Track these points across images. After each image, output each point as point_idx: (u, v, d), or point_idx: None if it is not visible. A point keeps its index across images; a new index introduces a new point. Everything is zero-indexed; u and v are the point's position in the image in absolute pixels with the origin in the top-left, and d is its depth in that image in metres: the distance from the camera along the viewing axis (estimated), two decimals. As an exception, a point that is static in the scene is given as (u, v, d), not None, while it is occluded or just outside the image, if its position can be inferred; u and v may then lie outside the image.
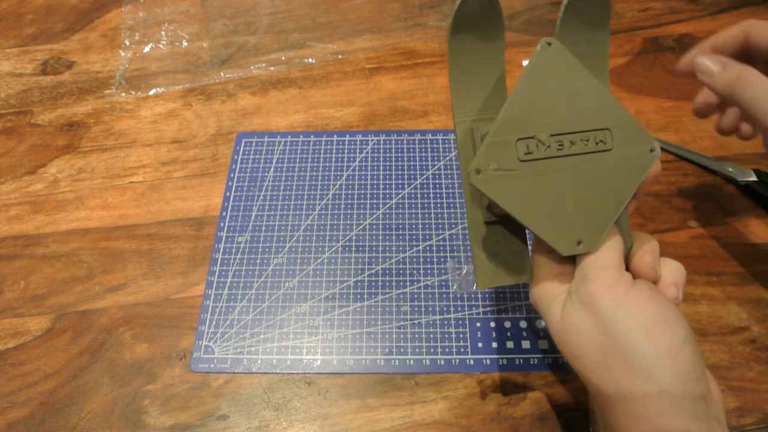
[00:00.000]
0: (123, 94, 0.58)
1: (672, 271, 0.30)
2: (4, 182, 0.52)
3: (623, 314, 0.27)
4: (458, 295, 0.43)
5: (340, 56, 0.60)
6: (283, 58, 0.60)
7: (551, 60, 0.28)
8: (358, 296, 0.43)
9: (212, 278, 0.45)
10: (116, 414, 0.39)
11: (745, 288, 0.43)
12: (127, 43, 0.63)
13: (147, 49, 0.62)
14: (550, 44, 0.28)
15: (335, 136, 0.53)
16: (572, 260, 0.30)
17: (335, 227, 0.47)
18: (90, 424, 0.38)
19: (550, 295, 0.30)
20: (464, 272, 0.43)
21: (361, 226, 0.47)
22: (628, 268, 0.30)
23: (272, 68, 0.60)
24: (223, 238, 0.47)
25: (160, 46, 0.62)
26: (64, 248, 0.47)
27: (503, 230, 0.32)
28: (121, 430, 0.38)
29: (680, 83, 0.56)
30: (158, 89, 0.58)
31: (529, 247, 0.32)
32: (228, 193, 0.49)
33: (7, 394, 0.40)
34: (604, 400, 0.28)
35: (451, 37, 0.30)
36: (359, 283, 0.44)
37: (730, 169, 0.48)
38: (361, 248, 0.46)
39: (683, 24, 0.62)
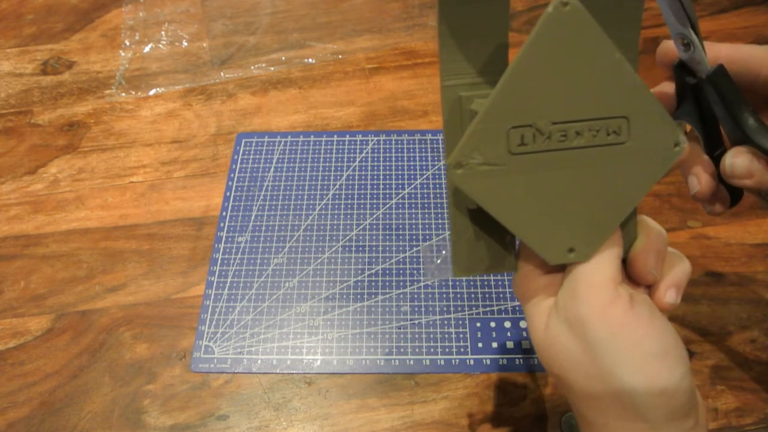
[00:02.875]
0: (123, 94, 0.58)
1: (675, 271, 0.27)
2: (4, 182, 0.52)
3: (617, 347, 0.24)
4: (430, 282, 0.42)
5: (340, 56, 0.60)
6: (283, 58, 0.60)
7: (565, 26, 0.22)
8: (358, 296, 0.43)
9: (212, 278, 0.45)
10: (116, 414, 0.39)
11: (745, 288, 0.43)
12: (127, 43, 0.63)
13: (147, 49, 0.62)
14: (566, 4, 0.22)
15: (335, 136, 0.53)
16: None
17: (335, 227, 0.47)
18: (90, 424, 0.38)
19: (533, 298, 0.27)
20: (440, 259, 0.42)
21: (361, 226, 0.47)
22: (627, 265, 0.28)
23: (272, 68, 0.60)
24: (223, 238, 0.47)
25: (160, 46, 0.62)
26: (64, 248, 0.47)
27: (486, 217, 0.27)
28: (121, 430, 0.38)
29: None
30: (158, 89, 0.58)
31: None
32: (228, 193, 0.49)
33: (7, 394, 0.40)
34: (584, 422, 0.26)
35: None
36: (359, 283, 0.44)
37: None
38: (361, 248, 0.46)
39: (683, 24, 0.62)
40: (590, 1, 0.23)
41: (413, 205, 0.48)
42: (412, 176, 0.50)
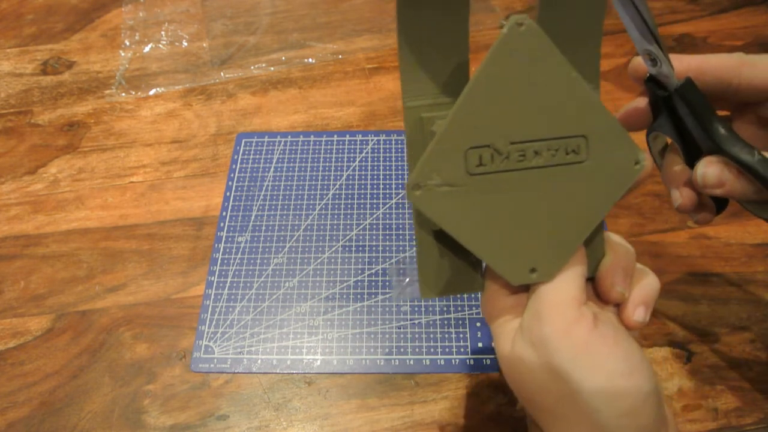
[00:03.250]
0: (123, 94, 0.58)
1: (643, 288, 0.27)
2: (4, 182, 0.52)
3: (582, 368, 0.23)
4: (400, 303, 0.42)
5: (340, 56, 0.60)
6: (283, 58, 0.60)
7: (520, 47, 0.22)
8: (358, 296, 0.43)
9: (212, 278, 0.45)
10: (116, 414, 0.39)
11: (745, 288, 0.43)
12: (127, 43, 0.63)
13: (147, 49, 0.62)
14: (521, 25, 0.22)
15: (335, 136, 0.53)
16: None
17: (335, 227, 0.47)
18: (90, 424, 0.38)
19: (500, 318, 0.27)
20: (407, 280, 0.42)
21: (361, 226, 0.47)
22: (595, 283, 0.27)
23: (272, 68, 0.60)
24: (223, 238, 0.47)
25: (160, 46, 0.62)
26: (64, 248, 0.47)
27: (451, 238, 0.27)
28: (121, 430, 0.38)
29: (680, 83, 0.56)
30: (158, 89, 0.58)
31: None
32: (228, 193, 0.49)
33: (7, 394, 0.40)
34: None
35: (400, 4, 0.24)
36: (359, 283, 0.44)
37: None
38: (361, 248, 0.46)
39: (683, 24, 0.62)
40: (549, 19, 0.24)
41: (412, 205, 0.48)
42: (412, 176, 0.50)
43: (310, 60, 0.60)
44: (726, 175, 0.29)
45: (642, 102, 0.32)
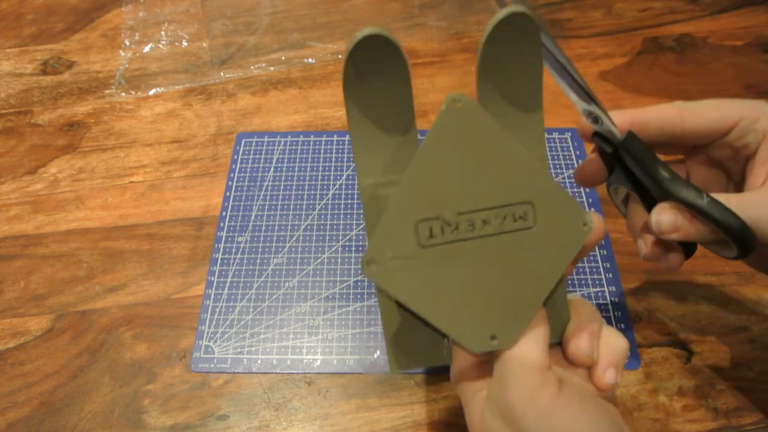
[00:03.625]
0: (123, 94, 0.58)
1: (611, 351, 0.27)
2: (4, 182, 0.52)
3: None
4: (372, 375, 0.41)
5: (340, 56, 0.60)
6: (283, 58, 0.60)
7: (459, 121, 0.23)
8: (358, 296, 0.43)
9: (212, 278, 0.45)
10: (116, 414, 0.39)
11: (745, 288, 0.43)
12: (127, 43, 0.63)
13: (147, 49, 0.62)
14: (457, 102, 0.23)
15: (335, 136, 0.53)
16: None
17: (335, 227, 0.47)
18: (90, 424, 0.38)
19: (469, 388, 0.27)
20: (376, 355, 0.40)
21: (361, 226, 0.47)
22: (562, 346, 0.28)
23: (272, 68, 0.60)
24: (223, 238, 0.47)
25: (160, 46, 0.62)
26: (64, 248, 0.47)
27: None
28: (121, 430, 0.38)
29: (680, 83, 0.56)
30: (158, 89, 0.58)
31: None
32: (228, 193, 0.49)
33: (7, 394, 0.40)
34: None
35: (346, 86, 0.25)
36: (359, 283, 0.44)
37: None
38: (361, 248, 0.46)
39: (683, 24, 0.62)
40: (488, 89, 0.25)
41: (413, 205, 0.48)
42: (412, 176, 0.50)
43: (310, 60, 0.60)
44: (680, 220, 0.29)
45: (594, 158, 0.33)
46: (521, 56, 0.25)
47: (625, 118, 0.31)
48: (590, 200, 0.48)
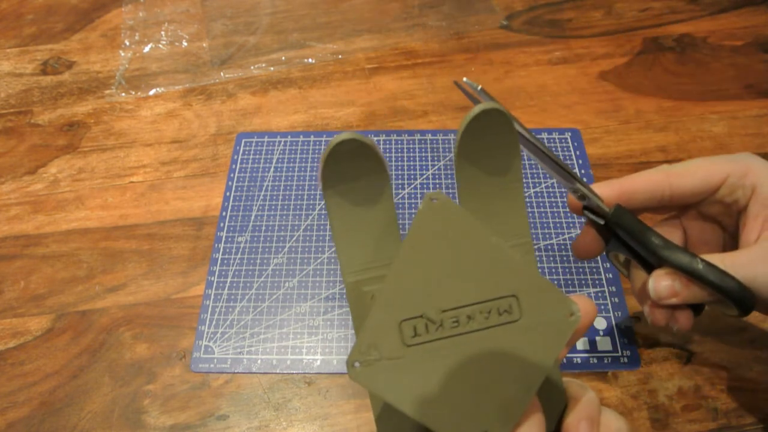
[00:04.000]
0: (123, 94, 0.58)
1: None
2: (4, 182, 0.52)
3: None
4: None
5: (340, 56, 0.60)
6: (283, 58, 0.60)
7: (438, 220, 0.23)
8: (358, 296, 0.43)
9: (212, 278, 0.45)
10: (116, 414, 0.39)
11: (745, 288, 0.43)
12: (127, 43, 0.63)
13: (147, 49, 0.62)
14: (434, 200, 0.23)
15: (335, 136, 0.53)
16: None
17: (335, 227, 0.47)
18: (90, 424, 0.38)
19: None
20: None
21: (361, 226, 0.47)
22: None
23: (272, 68, 0.60)
24: (223, 238, 0.47)
25: (160, 46, 0.62)
26: (64, 248, 0.47)
27: None
28: (121, 430, 0.38)
29: (680, 83, 0.56)
30: (158, 89, 0.58)
31: None
32: (228, 193, 0.49)
33: (7, 394, 0.40)
34: None
35: (325, 188, 0.26)
36: (359, 283, 0.44)
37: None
38: (361, 248, 0.46)
39: (683, 24, 0.62)
40: (467, 177, 0.25)
41: (413, 205, 0.48)
42: (412, 176, 0.50)
43: (310, 60, 0.60)
44: (677, 286, 0.29)
45: (588, 230, 0.33)
46: (498, 144, 0.26)
47: (612, 189, 0.31)
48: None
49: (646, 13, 0.63)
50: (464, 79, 0.36)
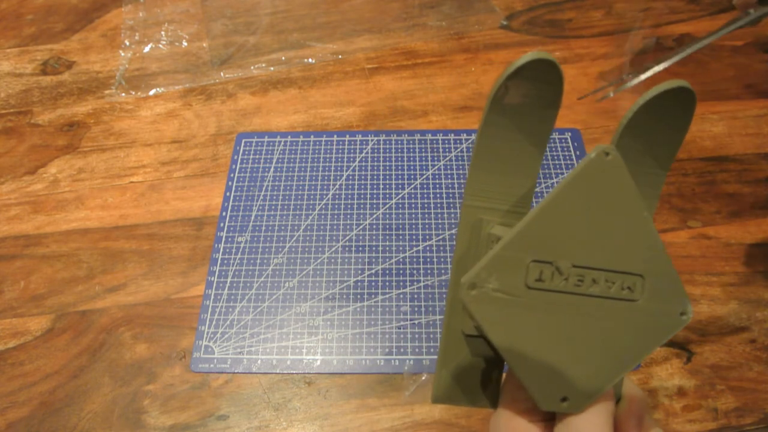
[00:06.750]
0: (123, 94, 0.58)
1: None
2: (4, 182, 0.52)
3: None
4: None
5: (340, 56, 0.60)
6: (283, 58, 0.60)
7: (602, 175, 0.22)
8: (358, 296, 0.43)
9: (212, 278, 0.45)
10: (116, 414, 0.39)
11: (745, 288, 0.43)
12: (127, 43, 0.63)
13: (147, 49, 0.62)
14: (608, 154, 0.22)
15: (335, 136, 0.53)
16: None
17: (335, 227, 0.47)
18: (90, 424, 0.38)
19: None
20: (424, 377, 0.40)
21: (361, 226, 0.47)
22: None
23: (272, 68, 0.60)
24: (223, 238, 0.47)
25: (160, 46, 0.62)
26: (64, 248, 0.47)
27: (482, 347, 0.27)
28: (121, 430, 0.38)
29: (680, 83, 0.56)
30: (158, 89, 0.58)
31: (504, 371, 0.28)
32: (228, 193, 0.49)
33: (7, 394, 0.40)
34: None
35: (493, 104, 0.25)
36: (359, 283, 0.44)
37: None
38: (361, 248, 0.46)
39: (683, 24, 0.62)
40: (627, 147, 0.24)
41: (413, 205, 0.48)
42: (412, 176, 0.50)
43: (310, 60, 0.60)
44: None
45: None
46: (671, 123, 0.25)
47: None
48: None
49: (646, 13, 0.63)
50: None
